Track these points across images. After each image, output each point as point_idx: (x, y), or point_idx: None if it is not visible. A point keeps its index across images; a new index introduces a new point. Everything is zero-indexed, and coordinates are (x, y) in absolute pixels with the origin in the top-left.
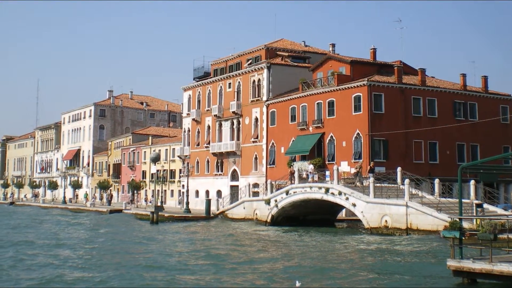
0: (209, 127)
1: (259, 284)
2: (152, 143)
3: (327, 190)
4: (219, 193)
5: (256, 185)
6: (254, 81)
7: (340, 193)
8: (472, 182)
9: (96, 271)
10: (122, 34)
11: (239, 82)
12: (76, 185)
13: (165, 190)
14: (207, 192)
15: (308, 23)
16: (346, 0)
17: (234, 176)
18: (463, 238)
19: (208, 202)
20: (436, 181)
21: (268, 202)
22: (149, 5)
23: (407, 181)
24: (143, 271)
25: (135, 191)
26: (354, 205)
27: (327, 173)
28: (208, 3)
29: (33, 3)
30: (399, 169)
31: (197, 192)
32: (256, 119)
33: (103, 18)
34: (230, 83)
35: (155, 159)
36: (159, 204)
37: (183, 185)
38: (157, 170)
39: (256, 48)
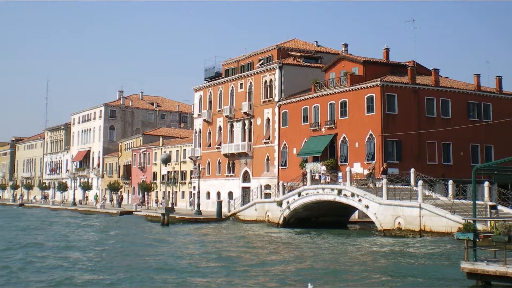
0: (220, 128)
1: (271, 287)
2: (163, 144)
3: (339, 192)
4: (230, 194)
5: (268, 186)
6: (266, 81)
7: (352, 195)
8: (486, 183)
9: (106, 274)
10: (132, 34)
11: (250, 82)
12: (86, 187)
13: (176, 192)
14: (219, 194)
15: (321, 23)
16: (359, 0)
17: (246, 178)
18: (477, 240)
19: (220, 204)
20: (450, 182)
21: (280, 203)
22: (161, 5)
23: (420, 182)
24: (154, 274)
25: (145, 193)
26: (367, 206)
27: (340, 174)
28: (219, 3)
29: (42, 3)
30: (412, 170)
31: (208, 193)
32: (268, 120)
33: (114, 18)
34: (241, 84)
35: (166, 160)
36: (169, 205)
37: (194, 187)
38: (168, 172)
39: (268, 48)
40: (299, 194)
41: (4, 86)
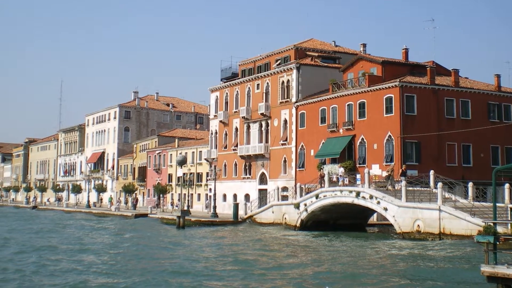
0: (237, 129)
1: None
2: (178, 146)
3: (358, 194)
4: (247, 197)
5: (285, 188)
6: (283, 82)
7: (371, 197)
8: (507, 185)
9: (121, 277)
10: (147, 34)
11: (267, 83)
12: (101, 189)
13: (192, 194)
14: (235, 196)
15: (339, 23)
16: None
17: (263, 180)
18: (498, 243)
19: (236, 206)
20: (470, 184)
21: (297, 206)
22: (177, 4)
23: (440, 184)
24: (169, 277)
25: (161, 195)
26: (385, 209)
27: (358, 176)
28: (236, 2)
29: (56, 3)
30: (431, 172)
31: (224, 196)
32: (285, 121)
33: (129, 18)
34: (258, 84)
35: (182, 162)
36: (185, 208)
37: (210, 189)
38: (184, 173)
39: (285, 48)
40: (317, 197)
41: (18, 87)
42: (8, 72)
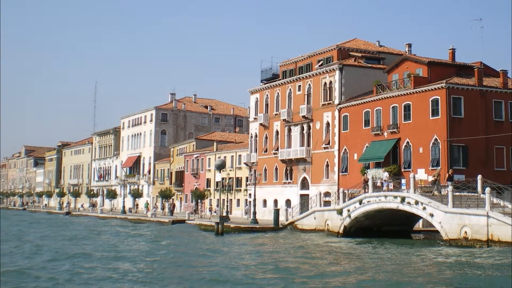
0: (277, 132)
1: None
2: (217, 149)
3: (403, 199)
4: (288, 202)
5: (327, 194)
6: (325, 83)
7: (416, 203)
8: None
9: (158, 285)
10: (184, 35)
11: (309, 84)
12: (136, 194)
13: (231, 199)
14: (276, 202)
15: (383, 22)
16: None
17: (304, 185)
18: None
19: (277, 212)
20: None
21: (340, 212)
22: (216, 4)
23: (488, 189)
24: (207, 285)
25: (198, 201)
26: (431, 215)
27: (403, 181)
28: (277, 1)
29: (92, 4)
30: (479, 177)
31: (264, 201)
32: (328, 124)
33: (166, 18)
34: (299, 86)
35: (220, 167)
36: (224, 214)
37: (250, 194)
38: (222, 178)
39: (327, 48)
40: (360, 202)
41: (51, 89)
42: (42, 73)
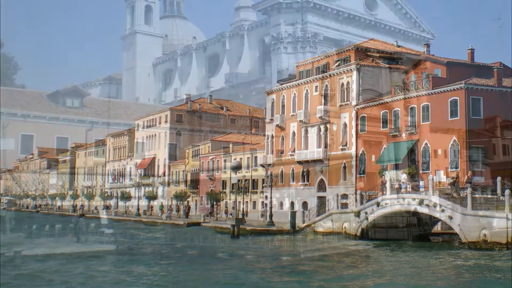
0: (294, 133)
1: None
2: (232, 151)
3: (421, 202)
4: (305, 204)
5: (344, 196)
6: (342, 84)
7: (435, 205)
8: None
9: None
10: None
11: (326, 85)
12: (151, 196)
13: (247, 202)
14: (292, 204)
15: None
16: None
17: (321, 187)
18: None
19: (293, 215)
20: None
21: (357, 214)
22: (226, 3)
23: (507, 192)
24: None
25: (214, 203)
26: (450, 217)
27: (421, 183)
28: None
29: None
30: (498, 179)
31: (281, 203)
32: (345, 125)
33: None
34: (316, 86)
35: (236, 168)
36: (240, 216)
37: (266, 196)
38: (238, 180)
39: (345, 48)
40: (378, 204)
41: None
42: (51, 72)
